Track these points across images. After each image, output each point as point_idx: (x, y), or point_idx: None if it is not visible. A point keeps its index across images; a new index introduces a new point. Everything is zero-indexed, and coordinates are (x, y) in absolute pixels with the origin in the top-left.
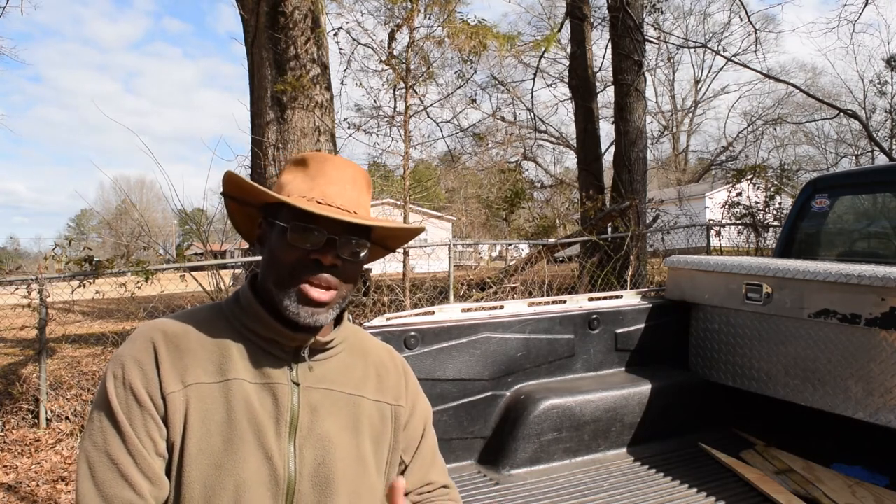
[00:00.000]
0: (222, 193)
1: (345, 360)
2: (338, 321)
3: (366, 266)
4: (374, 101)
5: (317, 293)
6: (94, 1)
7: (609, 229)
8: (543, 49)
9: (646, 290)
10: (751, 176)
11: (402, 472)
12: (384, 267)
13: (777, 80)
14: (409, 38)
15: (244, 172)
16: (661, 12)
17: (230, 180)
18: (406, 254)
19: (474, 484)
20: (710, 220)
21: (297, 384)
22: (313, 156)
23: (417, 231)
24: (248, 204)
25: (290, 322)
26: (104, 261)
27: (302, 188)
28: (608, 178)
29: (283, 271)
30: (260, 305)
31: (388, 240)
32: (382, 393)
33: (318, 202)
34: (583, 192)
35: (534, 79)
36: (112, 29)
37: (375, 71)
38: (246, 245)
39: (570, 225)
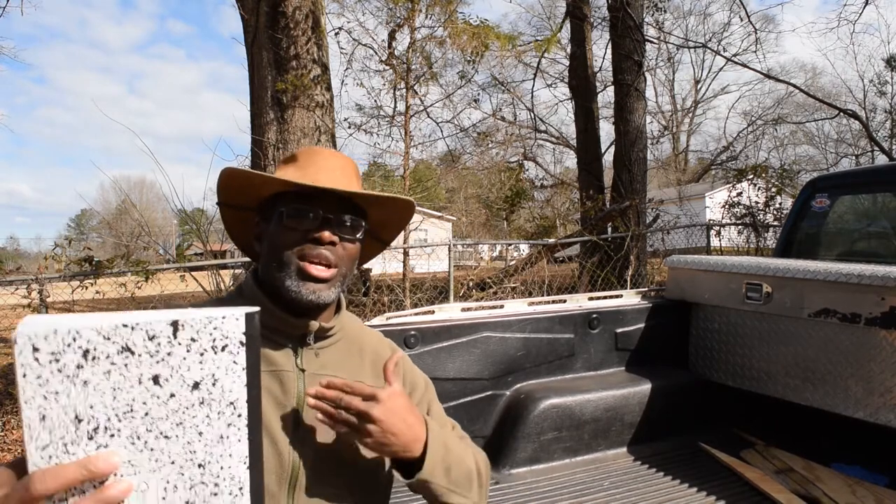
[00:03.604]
0: (218, 203)
1: (343, 347)
2: (337, 308)
3: (366, 266)
4: (375, 101)
5: (316, 270)
6: (99, 3)
7: (609, 229)
8: (544, 49)
9: (646, 289)
10: (751, 176)
11: None
12: (384, 267)
13: (777, 80)
14: (410, 38)
15: None
16: (664, 12)
17: (232, 175)
18: (406, 254)
19: None
20: (710, 220)
21: (303, 370)
22: (302, 150)
23: (408, 205)
24: (244, 208)
25: (293, 308)
26: (104, 261)
27: (294, 178)
28: (608, 178)
29: (284, 253)
30: (263, 295)
31: (381, 229)
32: (377, 378)
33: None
34: (583, 192)
35: (534, 79)
36: (117, 31)
37: (376, 71)
38: None
39: (570, 225)
